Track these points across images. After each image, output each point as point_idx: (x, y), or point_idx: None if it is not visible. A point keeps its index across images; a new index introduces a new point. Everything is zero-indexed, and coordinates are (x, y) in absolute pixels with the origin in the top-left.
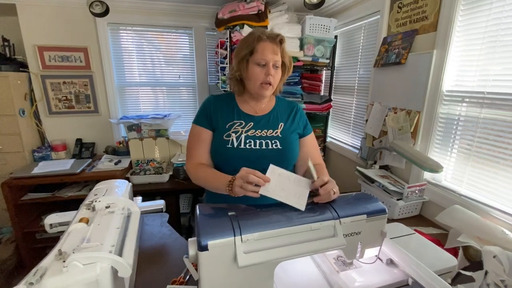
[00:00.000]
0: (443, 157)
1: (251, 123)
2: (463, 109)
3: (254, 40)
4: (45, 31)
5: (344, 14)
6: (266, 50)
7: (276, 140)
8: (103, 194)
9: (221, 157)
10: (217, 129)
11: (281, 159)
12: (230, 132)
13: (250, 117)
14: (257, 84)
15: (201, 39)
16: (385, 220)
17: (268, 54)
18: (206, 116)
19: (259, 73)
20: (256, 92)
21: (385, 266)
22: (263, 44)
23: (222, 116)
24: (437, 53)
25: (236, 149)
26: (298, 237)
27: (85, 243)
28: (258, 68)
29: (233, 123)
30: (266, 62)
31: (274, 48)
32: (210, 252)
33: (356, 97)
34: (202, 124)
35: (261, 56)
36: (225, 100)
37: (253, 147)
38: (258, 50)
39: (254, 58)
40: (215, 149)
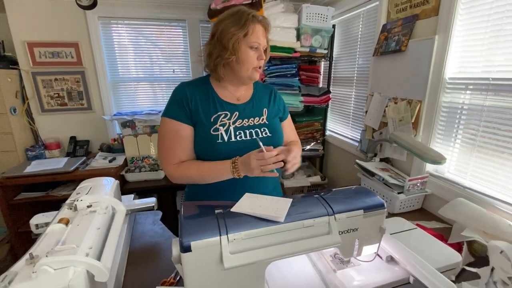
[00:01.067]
0: (446, 148)
1: (236, 113)
2: (466, 97)
3: (247, 20)
4: (35, 26)
5: (342, 2)
6: (260, 33)
7: (265, 127)
8: (86, 192)
9: (211, 154)
10: (199, 123)
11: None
12: (217, 126)
13: (233, 106)
14: (250, 69)
15: (195, 31)
16: (383, 215)
17: (261, 38)
18: (184, 108)
19: (253, 58)
20: (248, 77)
21: (385, 264)
22: (257, 26)
23: (203, 108)
24: (439, 39)
25: (227, 144)
26: (289, 235)
27: (60, 246)
28: (252, 52)
29: (218, 115)
30: (258, 45)
31: (264, 32)
32: (193, 253)
33: (355, 88)
34: (180, 119)
35: (256, 39)
36: (200, 87)
37: (244, 139)
38: (253, 32)
39: (248, 40)
40: (202, 146)
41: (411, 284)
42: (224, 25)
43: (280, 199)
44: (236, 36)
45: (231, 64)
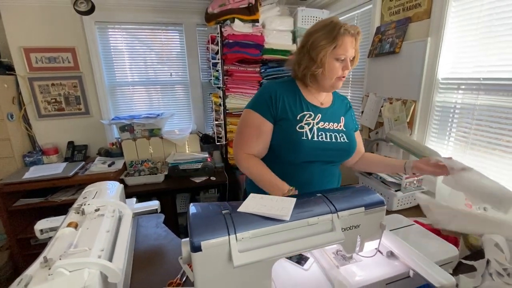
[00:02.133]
0: (440, 145)
1: (319, 115)
2: (459, 96)
3: (338, 33)
4: (31, 32)
5: (336, 5)
6: (348, 44)
7: (343, 133)
8: (93, 197)
9: (294, 148)
10: (285, 119)
11: (347, 152)
12: (303, 124)
13: (317, 108)
14: (334, 79)
15: (192, 35)
16: (383, 212)
17: (349, 50)
18: (270, 105)
19: (338, 68)
20: (331, 86)
21: (385, 259)
22: (346, 38)
23: (290, 106)
24: (432, 41)
25: (310, 141)
26: (295, 233)
27: (72, 249)
28: (337, 63)
29: (303, 114)
30: (346, 57)
31: (352, 42)
32: (203, 252)
33: (351, 88)
34: (264, 115)
35: (343, 51)
36: (288, 88)
37: (324, 140)
38: (342, 44)
39: (336, 53)
40: (286, 140)
41: (411, 277)
42: (314, 38)
43: (285, 198)
44: (325, 50)
45: (318, 74)
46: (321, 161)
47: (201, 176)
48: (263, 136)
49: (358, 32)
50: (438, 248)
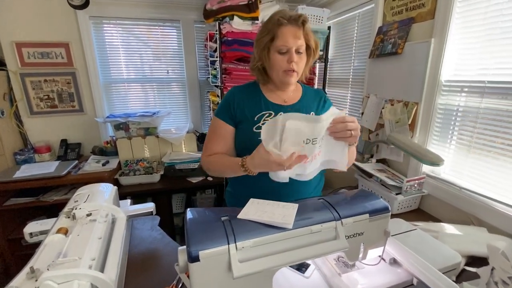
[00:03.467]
0: (442, 149)
1: (281, 113)
2: (462, 99)
3: (274, 25)
4: (23, 26)
5: (337, 4)
6: (287, 35)
7: None
8: (85, 200)
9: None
10: (243, 121)
11: None
12: (260, 124)
13: (279, 107)
14: (280, 72)
15: (189, 32)
16: (388, 219)
17: (290, 40)
18: (228, 109)
19: (281, 61)
20: (280, 81)
21: (388, 266)
22: (284, 28)
23: (249, 108)
24: (435, 42)
25: None
26: (297, 242)
27: (61, 258)
28: (280, 56)
29: (262, 114)
30: (288, 48)
31: (296, 32)
32: (201, 263)
33: (351, 89)
34: (223, 118)
35: (282, 42)
36: (250, 90)
37: None
38: (279, 36)
39: (275, 45)
40: (244, 142)
41: (415, 285)
42: (257, 35)
43: (286, 204)
44: (262, 43)
45: (268, 70)
46: None
47: (197, 176)
48: (222, 139)
49: (304, 21)
50: (440, 254)
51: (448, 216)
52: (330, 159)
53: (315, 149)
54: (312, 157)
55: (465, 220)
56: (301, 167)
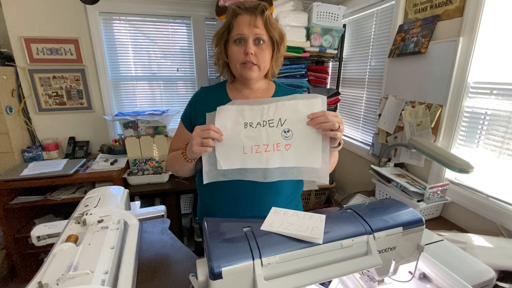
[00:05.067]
0: (467, 154)
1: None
2: (491, 102)
3: (230, 15)
4: (32, 22)
5: (354, 1)
6: (242, 24)
7: None
8: (95, 205)
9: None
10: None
11: None
12: None
13: None
14: (238, 65)
15: (200, 29)
16: (422, 232)
17: (245, 28)
18: (189, 114)
19: (237, 52)
20: (239, 75)
21: (417, 281)
22: (240, 18)
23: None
24: (464, 41)
25: None
26: (326, 257)
27: (72, 272)
28: (236, 47)
29: None
30: (243, 37)
31: (252, 20)
32: (224, 280)
33: (366, 90)
34: (184, 123)
35: (237, 31)
36: (215, 91)
37: None
38: (234, 25)
39: (231, 36)
40: None
41: None
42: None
43: (313, 215)
44: (217, 35)
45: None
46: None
47: None
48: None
49: (263, 9)
50: (471, 268)
51: (473, 225)
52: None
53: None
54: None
55: (492, 231)
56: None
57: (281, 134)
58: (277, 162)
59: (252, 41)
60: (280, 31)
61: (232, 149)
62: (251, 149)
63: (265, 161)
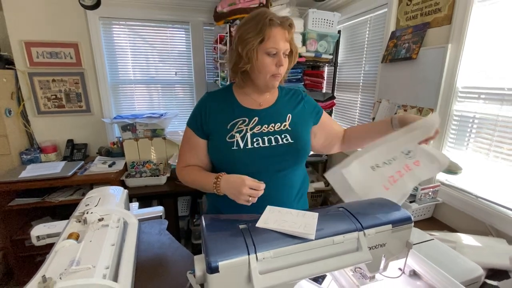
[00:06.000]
0: (457, 156)
1: (256, 118)
2: (479, 106)
3: (265, 25)
4: (33, 26)
5: (348, 8)
6: (278, 37)
7: (286, 134)
8: (96, 204)
9: (227, 162)
10: (216, 132)
11: (293, 155)
12: (234, 133)
13: (253, 112)
14: (268, 76)
15: (198, 34)
16: (410, 230)
17: (280, 42)
18: (198, 120)
19: (270, 64)
20: (265, 85)
21: (408, 278)
22: (275, 30)
23: (221, 117)
24: (452, 47)
25: (243, 151)
26: (319, 253)
27: (74, 266)
28: (269, 59)
29: (235, 121)
30: (277, 51)
31: (285, 35)
32: (221, 274)
33: (361, 94)
34: (195, 130)
35: (273, 44)
36: (222, 96)
37: (261, 145)
38: (270, 37)
39: (265, 47)
40: (219, 153)
41: None
42: (241, 32)
43: (306, 213)
44: (250, 44)
45: (250, 72)
46: (266, 171)
47: None
48: (195, 151)
49: (291, 24)
50: (460, 266)
51: (463, 226)
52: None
53: (401, 162)
54: (405, 169)
55: (482, 231)
56: (400, 184)
57: (405, 157)
58: (414, 179)
59: (283, 54)
60: (295, 44)
61: (375, 193)
62: (389, 182)
63: (404, 184)
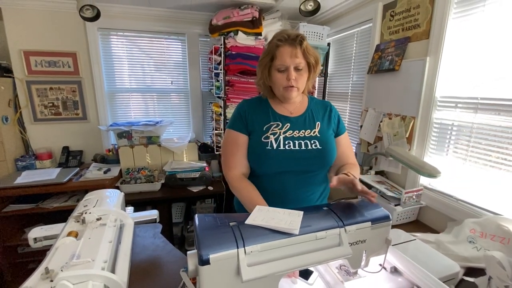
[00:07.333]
0: (439, 161)
1: (288, 124)
2: (456, 114)
3: (273, 46)
4: (32, 35)
5: (337, 22)
6: (284, 55)
7: (315, 140)
8: (94, 205)
9: (260, 159)
10: (254, 131)
11: (320, 160)
12: (268, 134)
13: (286, 118)
14: (281, 89)
15: (194, 45)
16: (389, 227)
17: (287, 59)
18: (242, 120)
19: (280, 79)
20: (281, 96)
21: (389, 275)
22: (282, 49)
23: (258, 118)
24: (430, 60)
25: (276, 151)
26: (303, 247)
27: (75, 260)
28: (279, 74)
29: (270, 124)
30: (285, 67)
31: (293, 52)
32: (212, 266)
33: (349, 103)
34: (239, 129)
35: (280, 62)
36: (259, 103)
37: (292, 148)
38: (277, 56)
39: (275, 65)
40: (254, 151)
41: None
42: (261, 56)
43: (292, 211)
44: (263, 64)
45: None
46: (294, 171)
47: (198, 186)
48: (241, 149)
49: (301, 41)
50: (439, 264)
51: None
52: None
53: None
54: None
55: None
56: None
57: None
58: None
59: (293, 69)
60: (315, 55)
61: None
62: None
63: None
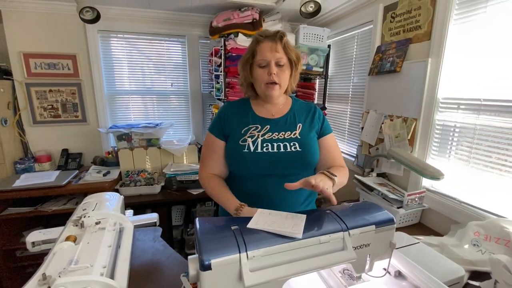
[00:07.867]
0: (441, 163)
1: (267, 126)
2: (459, 116)
3: (253, 43)
4: (32, 38)
5: (337, 24)
6: (265, 50)
7: (295, 142)
8: (93, 208)
9: (237, 163)
10: (231, 135)
11: (300, 162)
12: (246, 137)
13: (266, 120)
14: (263, 85)
15: (194, 47)
16: (393, 231)
17: (267, 54)
18: (220, 124)
19: (262, 74)
20: (263, 93)
21: (393, 279)
22: (262, 45)
23: (237, 122)
24: (432, 61)
25: (252, 154)
26: (306, 252)
27: (73, 265)
28: (260, 70)
29: (249, 127)
30: (266, 62)
31: (273, 46)
32: (213, 271)
33: (350, 105)
34: (215, 133)
35: (261, 57)
36: (240, 105)
37: (270, 151)
38: (258, 51)
39: (256, 61)
40: (231, 154)
41: None
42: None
43: (295, 215)
44: (243, 60)
45: (254, 85)
46: (274, 174)
47: (198, 188)
48: (216, 153)
49: (282, 36)
50: (444, 267)
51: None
52: None
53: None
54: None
55: None
56: None
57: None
58: None
59: (274, 64)
60: (296, 52)
61: None
62: None
63: None
